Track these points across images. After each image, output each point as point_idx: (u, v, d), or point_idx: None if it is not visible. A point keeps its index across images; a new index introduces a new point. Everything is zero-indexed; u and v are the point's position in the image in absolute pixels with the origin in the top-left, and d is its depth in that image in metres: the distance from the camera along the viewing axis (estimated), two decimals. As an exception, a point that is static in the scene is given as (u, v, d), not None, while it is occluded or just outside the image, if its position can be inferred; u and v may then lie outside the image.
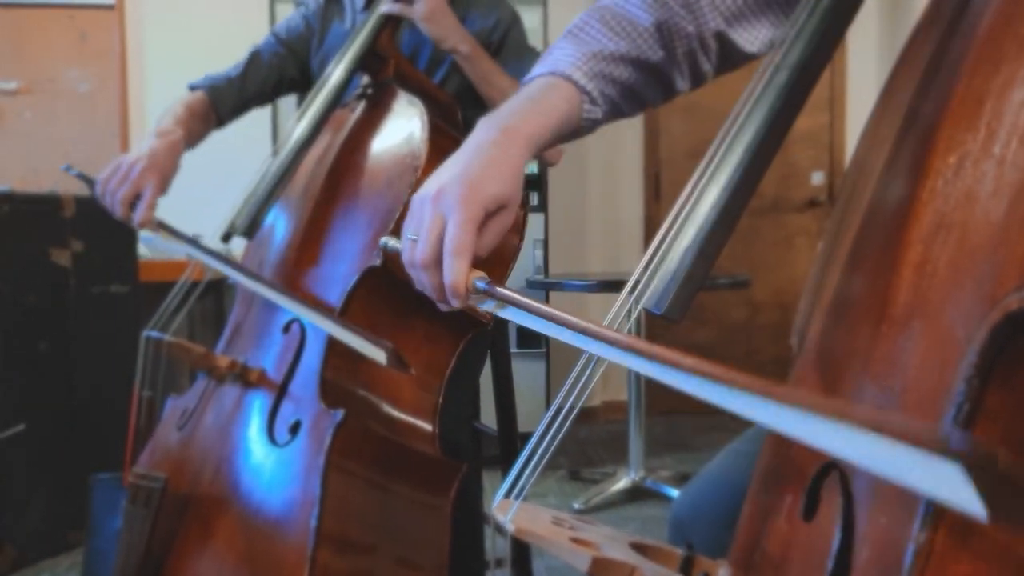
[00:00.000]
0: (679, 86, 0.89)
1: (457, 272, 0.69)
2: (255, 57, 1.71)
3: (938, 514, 0.36)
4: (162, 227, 1.41)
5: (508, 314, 0.68)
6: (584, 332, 0.55)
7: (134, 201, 1.42)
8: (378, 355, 1.14)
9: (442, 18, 1.49)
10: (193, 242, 1.40)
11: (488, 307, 0.70)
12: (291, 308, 1.29)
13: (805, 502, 0.51)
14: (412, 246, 0.73)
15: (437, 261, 0.71)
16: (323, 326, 1.24)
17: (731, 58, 0.90)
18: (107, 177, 1.43)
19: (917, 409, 0.40)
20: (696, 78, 0.90)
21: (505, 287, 0.67)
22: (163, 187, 1.46)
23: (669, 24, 0.85)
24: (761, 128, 0.63)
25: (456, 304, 0.71)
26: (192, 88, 1.67)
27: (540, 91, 0.82)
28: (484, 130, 0.78)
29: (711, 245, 0.62)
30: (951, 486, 0.30)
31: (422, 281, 0.74)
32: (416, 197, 0.76)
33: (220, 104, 1.65)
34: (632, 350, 0.50)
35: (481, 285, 0.69)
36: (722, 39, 0.87)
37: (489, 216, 0.74)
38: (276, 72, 1.71)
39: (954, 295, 0.39)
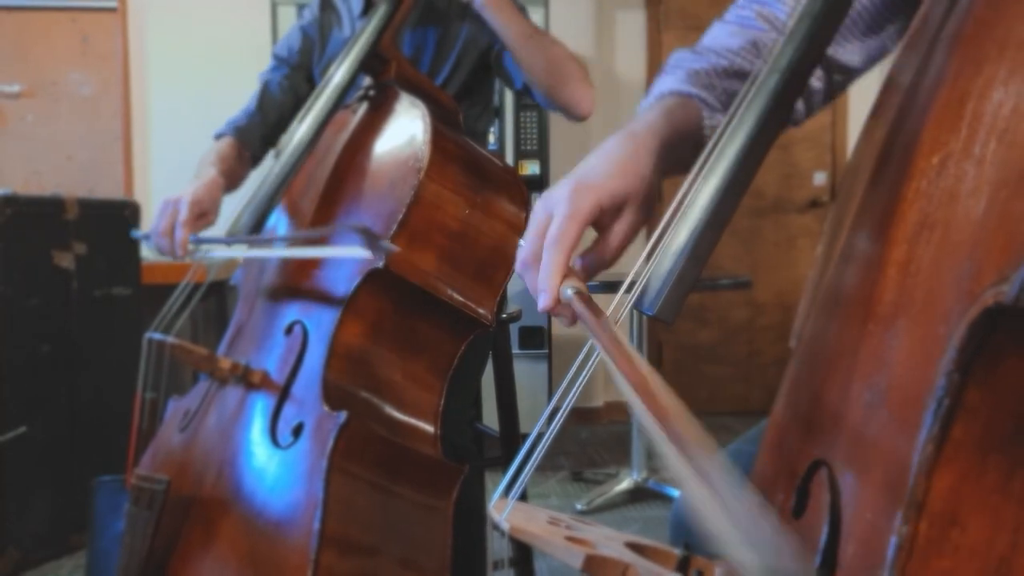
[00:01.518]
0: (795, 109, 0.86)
1: (550, 264, 0.67)
2: (265, 89, 1.75)
3: (920, 507, 0.37)
4: (201, 243, 1.45)
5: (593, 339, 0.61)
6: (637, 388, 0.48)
7: (171, 235, 1.46)
8: (361, 252, 1.17)
9: None
10: (237, 240, 1.44)
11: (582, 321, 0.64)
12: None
13: (795, 499, 0.51)
14: (521, 250, 0.72)
15: (537, 259, 0.69)
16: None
17: (841, 78, 0.88)
18: (156, 222, 1.47)
19: (901, 407, 0.41)
20: (808, 102, 0.88)
21: (589, 303, 0.63)
22: (200, 214, 1.48)
23: (765, 39, 0.84)
24: (751, 132, 0.64)
25: (542, 302, 0.67)
26: (217, 136, 1.71)
27: (657, 106, 0.80)
28: (609, 140, 0.76)
29: (702, 247, 0.63)
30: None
31: (528, 283, 0.72)
32: (536, 205, 0.74)
33: (248, 141, 1.70)
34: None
35: (564, 292, 0.65)
36: (827, 60, 0.85)
37: (608, 215, 0.72)
38: (291, 94, 1.74)
39: (937, 293, 0.40)
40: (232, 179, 1.64)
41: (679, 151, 0.79)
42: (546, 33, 1.59)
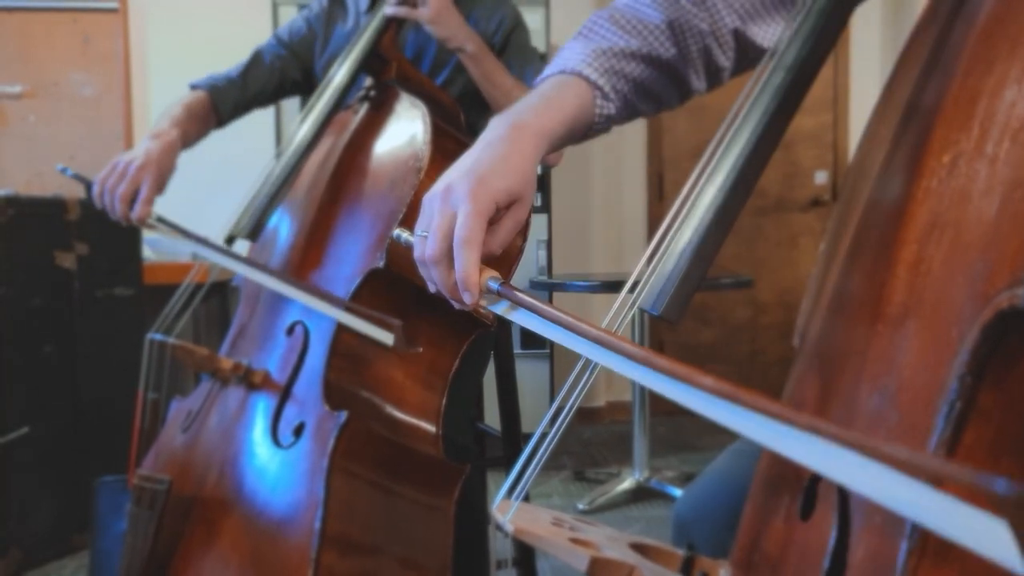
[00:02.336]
0: (695, 85, 0.89)
1: (467, 263, 0.68)
2: (257, 58, 1.71)
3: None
4: (161, 222, 1.42)
5: (519, 317, 0.66)
6: (598, 341, 0.54)
7: (132, 199, 1.43)
8: (385, 337, 1.16)
9: (448, 18, 1.50)
10: (194, 236, 1.41)
11: (500, 309, 0.69)
12: (295, 295, 1.31)
13: (802, 501, 0.51)
14: (423, 242, 0.73)
15: (448, 256, 0.70)
16: (329, 313, 1.25)
17: (748, 55, 0.89)
18: (104, 176, 1.45)
19: (912, 408, 0.40)
20: (712, 76, 0.90)
21: (517, 289, 0.65)
22: (160, 185, 1.47)
23: (681, 22, 0.85)
24: (757, 129, 0.63)
25: (468, 300, 0.69)
26: (193, 87, 1.67)
27: (551, 88, 0.82)
28: (495, 127, 0.78)
29: (708, 246, 0.62)
30: (994, 541, 0.30)
31: (434, 278, 0.73)
32: (426, 195, 0.75)
33: (221, 104, 1.66)
34: (648, 364, 0.48)
35: (494, 285, 0.67)
36: (739, 36, 0.87)
37: (501, 211, 0.73)
38: (278, 74, 1.71)
39: (948, 294, 0.39)
40: (189, 138, 1.61)
41: (564, 139, 0.81)
42: (524, 87, 1.58)
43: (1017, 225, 0.34)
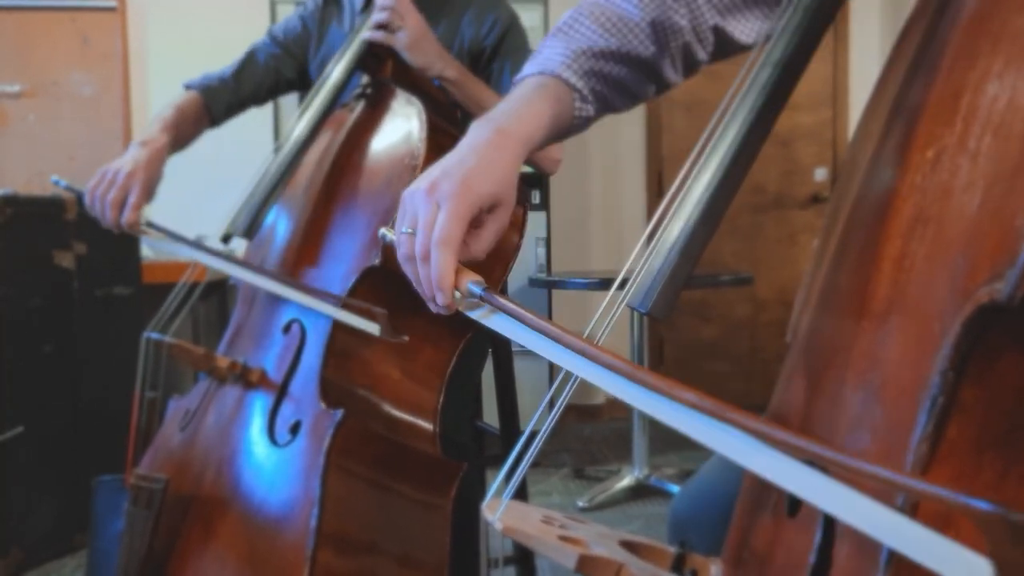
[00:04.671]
0: (671, 79, 0.89)
1: (444, 263, 0.68)
2: (251, 57, 1.71)
3: (914, 507, 0.36)
4: (151, 227, 1.44)
5: (497, 324, 0.65)
6: (581, 352, 0.53)
7: (122, 205, 1.45)
8: (372, 327, 1.17)
9: (426, 46, 1.47)
10: (185, 240, 1.42)
11: (476, 314, 0.68)
12: (284, 293, 1.32)
13: (789, 498, 0.51)
14: (408, 239, 0.72)
15: (427, 255, 0.70)
16: (316, 307, 1.26)
17: (725, 49, 0.90)
18: (94, 185, 1.47)
19: (896, 404, 0.40)
20: (689, 68, 0.90)
21: (499, 295, 0.65)
22: (148, 191, 1.48)
23: (662, 19, 0.85)
24: (745, 126, 0.63)
25: (441, 301, 0.69)
26: (187, 87, 1.67)
27: (532, 91, 0.82)
28: (478, 130, 0.78)
29: (695, 244, 0.62)
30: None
31: (415, 276, 0.73)
32: (407, 191, 0.74)
33: (214, 104, 1.66)
34: (629, 377, 0.48)
35: (476, 289, 0.66)
36: (718, 32, 0.87)
37: (484, 215, 0.74)
38: (272, 73, 1.71)
39: (930, 289, 0.39)
40: (181, 140, 1.61)
41: (542, 142, 0.82)
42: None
43: (997, 220, 0.34)
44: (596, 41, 0.84)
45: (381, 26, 1.46)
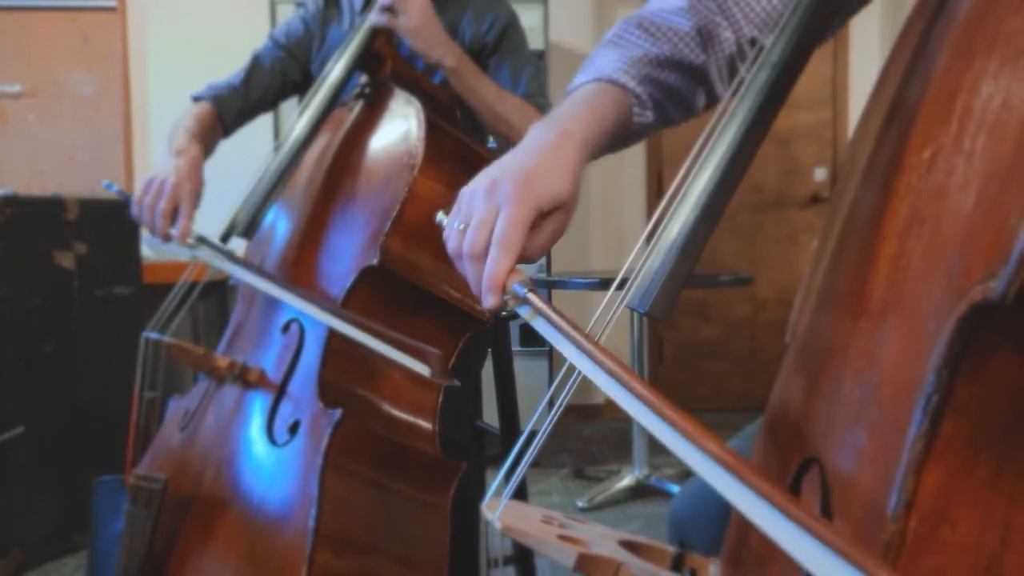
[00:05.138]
0: (719, 91, 0.88)
1: (501, 266, 0.67)
2: (256, 63, 1.71)
3: (909, 505, 0.36)
4: (203, 242, 1.40)
5: (539, 326, 0.65)
6: (611, 373, 0.53)
7: (173, 215, 1.43)
8: (422, 369, 1.15)
9: (428, 32, 1.48)
10: (236, 258, 1.39)
11: (524, 313, 0.67)
12: (326, 319, 1.25)
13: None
14: (460, 236, 0.71)
15: (485, 253, 0.69)
16: (363, 341, 1.20)
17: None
18: (141, 195, 1.44)
19: (892, 403, 0.40)
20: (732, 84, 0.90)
21: (542, 298, 0.64)
22: (196, 199, 1.47)
23: (709, 28, 0.85)
24: (743, 127, 0.63)
25: (491, 302, 0.68)
26: (196, 99, 1.67)
27: (591, 96, 0.81)
28: (540, 132, 0.77)
29: (693, 244, 0.62)
30: None
31: (465, 271, 0.72)
32: (466, 190, 0.74)
33: (225, 113, 1.66)
34: (653, 409, 0.48)
35: (520, 290, 0.66)
36: (756, 45, 0.86)
37: (543, 217, 0.72)
38: (279, 77, 1.72)
39: (926, 289, 0.39)
40: (208, 149, 1.61)
41: (603, 148, 0.80)
42: (511, 97, 1.58)
43: (991, 219, 0.34)
44: (649, 48, 0.83)
45: (386, 8, 1.46)
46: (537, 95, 1.63)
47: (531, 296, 0.65)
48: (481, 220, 0.69)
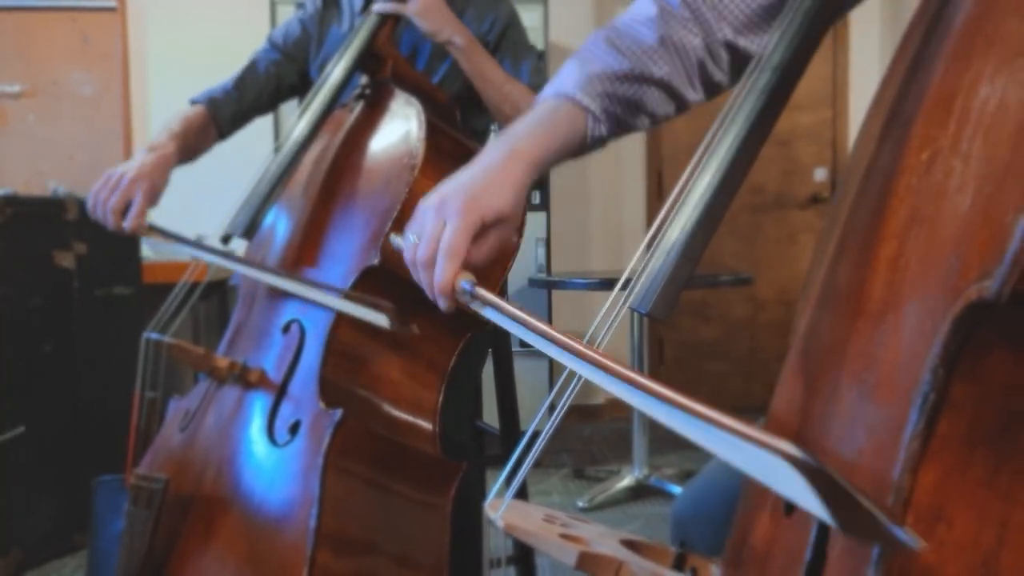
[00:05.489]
0: (690, 97, 0.91)
1: (446, 272, 0.75)
2: (251, 67, 1.73)
3: (906, 503, 0.37)
4: (153, 230, 1.45)
5: (496, 318, 0.71)
6: (563, 347, 0.58)
7: (124, 210, 1.46)
8: (380, 319, 1.19)
9: (436, 11, 1.50)
10: (188, 241, 1.43)
11: (477, 307, 0.74)
12: (289, 287, 1.34)
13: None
14: (413, 247, 0.79)
15: (434, 262, 0.76)
16: (324, 301, 1.27)
17: (743, 66, 0.90)
18: (97, 190, 1.48)
19: (889, 403, 0.41)
20: (709, 87, 0.92)
21: (486, 290, 0.72)
22: (152, 197, 1.50)
23: (675, 39, 0.87)
24: (744, 129, 0.64)
25: (443, 304, 0.76)
26: (193, 102, 1.69)
27: (546, 113, 0.87)
28: (493, 149, 0.83)
29: (695, 245, 0.63)
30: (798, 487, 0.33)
31: (420, 279, 0.80)
32: (421, 204, 0.81)
33: (219, 116, 1.68)
34: (607, 371, 0.51)
35: (465, 286, 0.73)
36: (732, 48, 0.88)
37: (488, 228, 0.79)
38: (274, 80, 1.72)
39: (924, 289, 0.40)
40: (189, 152, 1.63)
41: (555, 162, 0.87)
42: (519, 82, 1.59)
43: (987, 219, 0.35)
44: (610, 64, 0.87)
45: None
46: (542, 86, 1.64)
47: (477, 289, 0.73)
48: (430, 233, 0.77)
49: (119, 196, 1.45)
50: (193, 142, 1.64)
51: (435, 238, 0.77)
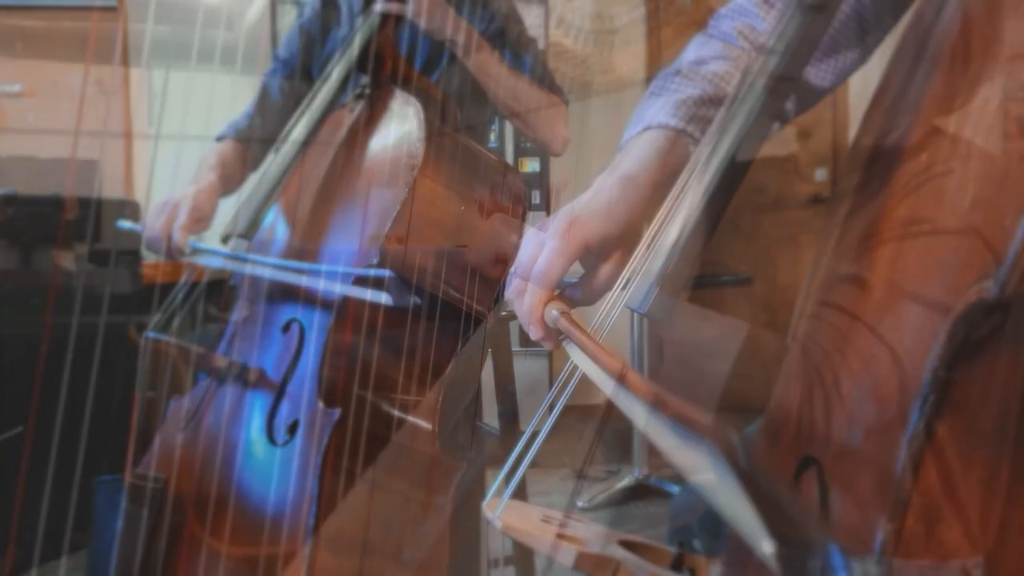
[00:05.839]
0: (787, 108, 0.87)
1: (533, 297, 0.69)
2: (264, 92, 1.75)
3: (906, 503, 0.36)
4: (197, 252, 1.47)
5: (573, 354, 0.64)
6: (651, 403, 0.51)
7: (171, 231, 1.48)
8: (382, 298, 1.20)
9: (436, 10, 1.50)
10: (234, 257, 1.44)
11: (564, 344, 0.67)
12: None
13: (786, 495, 0.51)
14: (512, 278, 0.74)
15: (525, 288, 0.71)
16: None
17: (808, 95, 0.89)
18: (151, 219, 1.50)
19: (888, 403, 0.41)
20: (778, 115, 0.90)
21: (583, 327, 0.64)
22: (198, 219, 1.51)
23: (741, 67, 0.84)
24: (744, 124, 0.63)
25: (533, 334, 0.69)
26: (219, 138, 1.71)
27: (646, 142, 0.82)
28: (602, 178, 0.78)
29: (693, 245, 0.63)
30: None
31: (517, 312, 0.73)
32: (526, 232, 0.75)
33: (249, 143, 1.69)
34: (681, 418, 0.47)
35: (553, 314, 0.66)
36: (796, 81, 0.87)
37: (594, 256, 0.73)
38: (291, 97, 1.73)
39: (924, 290, 0.39)
40: (230, 183, 1.65)
41: (668, 189, 0.80)
42: (519, 76, 1.59)
43: (986, 220, 0.34)
44: (691, 92, 0.83)
45: None
46: (544, 78, 1.64)
47: (561, 321, 0.65)
48: (528, 257, 0.71)
49: (164, 220, 1.47)
50: (233, 172, 1.66)
51: (531, 260, 0.71)
